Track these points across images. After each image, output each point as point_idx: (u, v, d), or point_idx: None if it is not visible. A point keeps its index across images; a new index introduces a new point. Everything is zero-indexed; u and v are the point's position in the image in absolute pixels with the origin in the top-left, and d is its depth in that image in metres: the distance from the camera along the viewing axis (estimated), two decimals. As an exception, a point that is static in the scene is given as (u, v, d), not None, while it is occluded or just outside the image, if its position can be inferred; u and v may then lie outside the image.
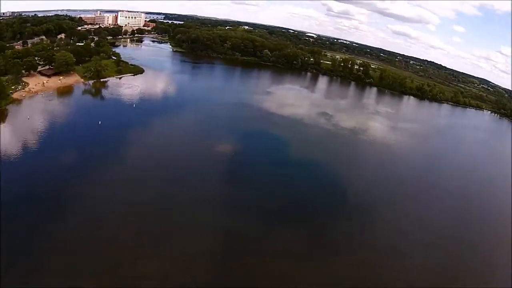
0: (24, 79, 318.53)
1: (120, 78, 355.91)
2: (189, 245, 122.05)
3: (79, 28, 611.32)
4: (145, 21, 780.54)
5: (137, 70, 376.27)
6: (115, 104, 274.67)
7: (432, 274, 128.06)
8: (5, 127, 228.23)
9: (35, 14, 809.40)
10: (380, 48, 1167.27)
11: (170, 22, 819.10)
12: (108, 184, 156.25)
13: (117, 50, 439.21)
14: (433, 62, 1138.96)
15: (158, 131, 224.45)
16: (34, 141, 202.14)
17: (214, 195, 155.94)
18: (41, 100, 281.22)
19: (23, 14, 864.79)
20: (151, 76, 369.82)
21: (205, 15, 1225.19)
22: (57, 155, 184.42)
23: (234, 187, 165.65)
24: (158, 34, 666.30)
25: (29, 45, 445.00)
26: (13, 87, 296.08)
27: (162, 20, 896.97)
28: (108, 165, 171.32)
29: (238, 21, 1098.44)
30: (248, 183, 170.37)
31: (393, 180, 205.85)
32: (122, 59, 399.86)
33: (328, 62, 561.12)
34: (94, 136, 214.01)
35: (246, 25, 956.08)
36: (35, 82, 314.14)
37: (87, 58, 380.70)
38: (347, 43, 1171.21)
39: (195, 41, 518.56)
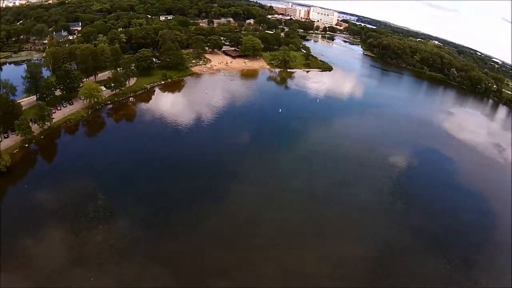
0: (207, 55, 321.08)
1: (307, 71, 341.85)
2: (346, 247, 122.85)
3: (269, 16, 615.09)
4: (337, 20, 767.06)
5: (325, 67, 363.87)
6: (298, 95, 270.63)
7: None
8: (180, 96, 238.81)
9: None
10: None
11: (362, 25, 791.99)
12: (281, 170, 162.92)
13: (307, 44, 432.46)
14: None
15: (337, 129, 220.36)
16: (210, 115, 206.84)
17: (380, 207, 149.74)
18: (222, 78, 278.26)
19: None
20: (339, 75, 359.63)
21: (398, 24, 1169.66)
22: (233, 133, 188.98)
23: (401, 202, 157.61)
24: (350, 35, 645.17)
25: (215, 24, 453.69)
26: (193, 61, 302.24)
27: (354, 22, 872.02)
28: (281, 153, 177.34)
29: (428, 35, 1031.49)
30: (416, 202, 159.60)
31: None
32: (311, 53, 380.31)
33: (509, 92, 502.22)
34: (273, 123, 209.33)
35: (436, 40, 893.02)
36: (218, 61, 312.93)
37: (275, 47, 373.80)
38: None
39: (386, 48, 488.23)
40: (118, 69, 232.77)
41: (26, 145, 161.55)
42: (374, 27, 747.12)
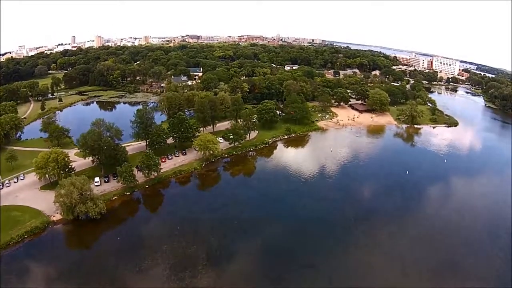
0: (333, 109, 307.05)
1: (434, 127, 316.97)
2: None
3: (394, 67, 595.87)
4: (459, 69, 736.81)
5: (451, 122, 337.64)
6: (425, 154, 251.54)
7: None
8: (304, 154, 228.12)
9: (347, 46, 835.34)
10: None
11: (482, 74, 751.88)
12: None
13: (431, 96, 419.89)
14: None
15: (462, 194, 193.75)
16: (334, 177, 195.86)
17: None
18: (348, 134, 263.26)
19: (334, 44, 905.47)
20: (464, 131, 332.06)
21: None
22: (357, 202, 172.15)
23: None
24: (472, 86, 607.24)
25: (340, 76, 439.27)
26: (319, 115, 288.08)
27: (474, 71, 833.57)
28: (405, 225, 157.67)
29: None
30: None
31: None
32: (437, 107, 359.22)
33: None
34: (401, 187, 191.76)
35: None
36: (344, 115, 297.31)
37: (401, 100, 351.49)
38: None
39: (507, 98, 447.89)
40: (239, 120, 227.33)
41: (127, 193, 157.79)
42: (494, 76, 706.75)
